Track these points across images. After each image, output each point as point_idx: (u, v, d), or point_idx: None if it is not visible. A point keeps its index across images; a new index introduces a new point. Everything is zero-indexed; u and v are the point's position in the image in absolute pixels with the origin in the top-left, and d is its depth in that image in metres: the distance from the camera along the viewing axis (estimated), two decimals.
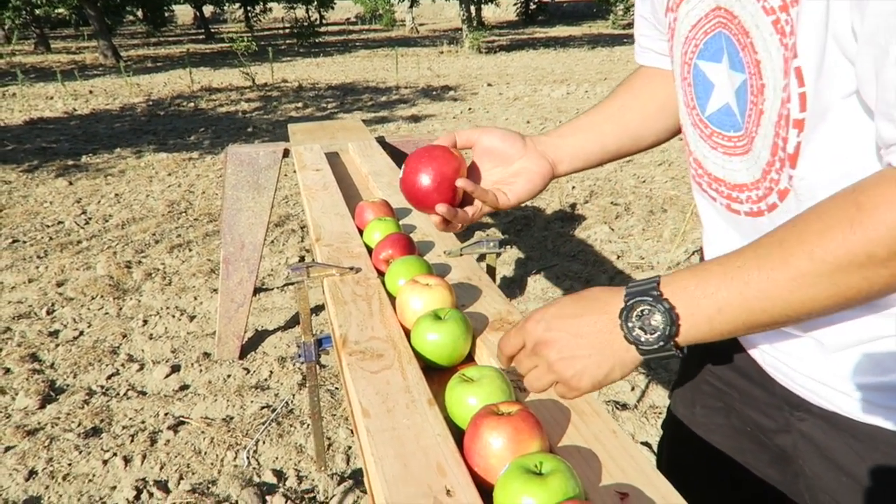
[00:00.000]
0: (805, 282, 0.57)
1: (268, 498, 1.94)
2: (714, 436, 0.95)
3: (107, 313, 3.13)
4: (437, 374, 0.87)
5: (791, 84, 0.61)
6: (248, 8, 28.58)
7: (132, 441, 2.20)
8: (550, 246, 3.84)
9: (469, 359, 0.92)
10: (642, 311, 0.64)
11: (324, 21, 34.09)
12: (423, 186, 0.87)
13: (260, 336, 2.91)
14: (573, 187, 4.85)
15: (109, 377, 2.59)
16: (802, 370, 0.75)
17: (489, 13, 32.49)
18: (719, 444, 0.95)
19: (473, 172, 0.92)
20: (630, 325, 0.65)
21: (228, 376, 2.59)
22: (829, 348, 0.71)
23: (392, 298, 1.03)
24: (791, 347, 0.75)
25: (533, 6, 30.26)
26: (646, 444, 2.15)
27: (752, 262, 0.60)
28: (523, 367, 0.74)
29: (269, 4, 30.11)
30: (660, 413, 2.29)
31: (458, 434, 0.71)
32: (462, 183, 0.86)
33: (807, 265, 0.57)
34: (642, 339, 0.65)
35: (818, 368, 0.73)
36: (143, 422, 2.31)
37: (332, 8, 34.40)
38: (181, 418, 2.32)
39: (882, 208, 0.53)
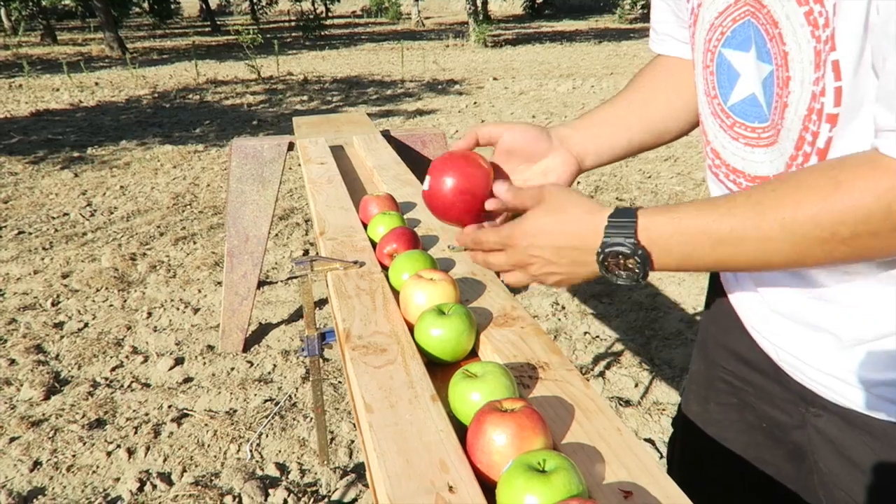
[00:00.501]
0: (770, 246, 0.61)
1: (270, 491, 1.94)
2: (728, 432, 0.94)
3: (111, 305, 3.14)
4: (440, 370, 0.86)
5: (826, 77, 0.60)
6: (254, 0, 28.55)
7: (136, 433, 2.20)
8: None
9: (473, 354, 0.92)
10: (619, 255, 0.69)
11: (329, 14, 34.04)
12: (450, 204, 0.85)
13: (264, 329, 2.91)
14: (578, 182, 4.84)
15: (114, 369, 2.60)
16: (818, 366, 0.74)
17: (495, 7, 32.38)
18: (734, 441, 0.94)
19: (499, 174, 0.90)
20: (605, 263, 0.71)
21: (232, 369, 2.59)
22: (846, 343, 0.70)
23: (396, 293, 1.03)
24: (807, 342, 0.75)
25: (539, 0, 30.14)
26: (649, 440, 2.14)
27: (727, 219, 0.63)
28: (496, 266, 0.81)
29: None
30: (663, 409, 2.29)
31: (461, 430, 0.71)
32: (492, 206, 0.86)
33: (776, 230, 0.60)
34: (615, 275, 0.71)
35: (834, 364, 0.72)
36: (146, 414, 2.31)
37: (338, 1, 34.32)
38: (185, 411, 2.33)
39: (858, 191, 0.55)
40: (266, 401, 2.38)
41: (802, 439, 0.83)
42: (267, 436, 2.20)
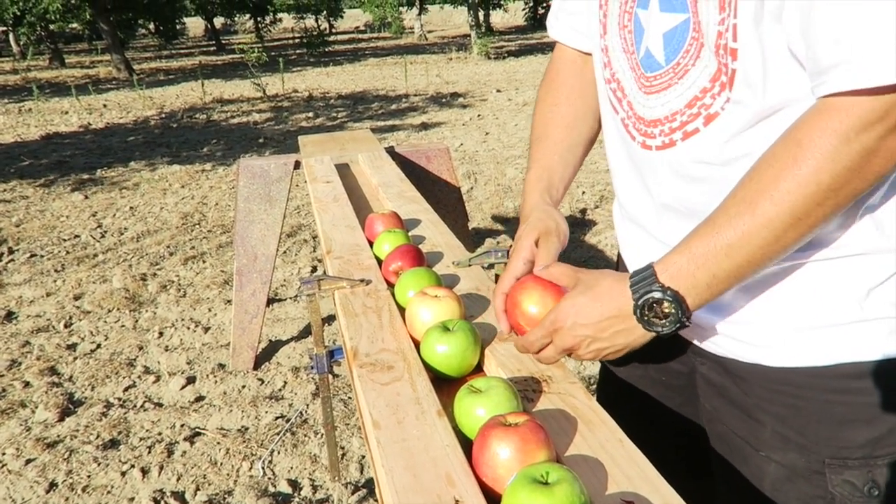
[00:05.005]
0: (774, 225, 0.65)
1: None
2: (635, 384, 1.07)
3: (123, 326, 3.17)
4: (446, 385, 0.88)
5: (730, 17, 0.68)
6: (258, 18, 28.80)
7: (149, 452, 2.23)
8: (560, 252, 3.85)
9: (478, 369, 0.94)
10: (652, 303, 0.73)
11: (333, 30, 34.30)
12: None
13: (274, 346, 2.93)
14: (583, 192, 4.86)
15: (126, 389, 2.63)
16: (694, 320, 0.81)
17: (497, 19, 32.54)
18: (640, 392, 1.06)
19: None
20: (646, 318, 0.74)
21: (243, 387, 2.62)
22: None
23: (402, 310, 1.05)
24: None
25: (541, 10, 30.28)
26: None
27: (725, 223, 0.68)
28: (550, 359, 0.84)
29: (279, 15, 30.35)
30: None
31: (466, 444, 0.73)
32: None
33: (771, 209, 0.65)
34: (659, 325, 0.74)
35: (705, 317, 0.83)
36: (159, 433, 2.33)
37: (342, 17, 34.58)
38: (197, 429, 2.35)
39: (817, 139, 0.62)
40: (277, 418, 2.40)
41: (693, 384, 0.96)
42: (279, 453, 2.21)
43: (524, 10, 31.15)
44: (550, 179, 1.01)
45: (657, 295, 0.72)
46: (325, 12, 31.27)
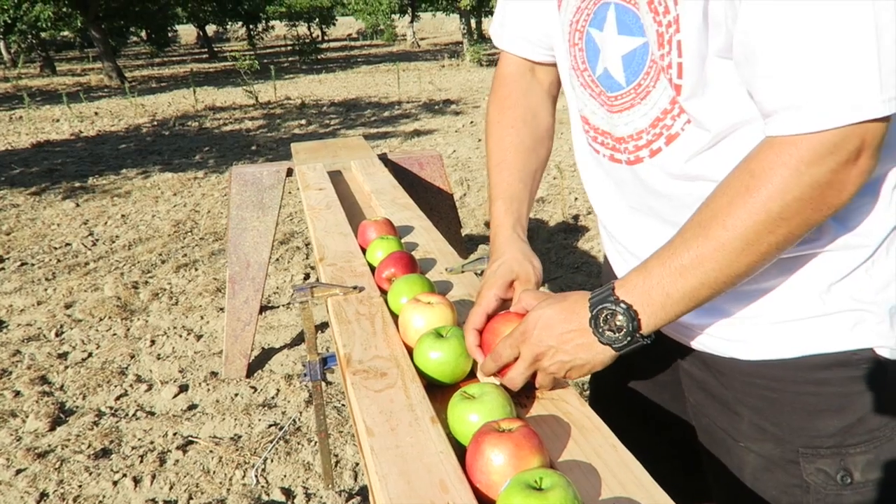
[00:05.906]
0: (726, 249, 0.67)
1: None
2: (626, 383, 1.09)
3: (115, 334, 3.16)
4: (439, 392, 0.88)
5: (672, 54, 0.70)
6: (251, 26, 28.80)
7: (141, 462, 2.21)
8: (554, 258, 3.86)
9: (471, 376, 0.94)
10: (606, 315, 0.74)
11: (325, 37, 34.34)
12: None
13: (266, 354, 2.92)
14: (576, 199, 4.87)
15: (118, 398, 2.61)
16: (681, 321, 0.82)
17: (489, 26, 32.67)
18: (631, 389, 1.09)
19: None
20: (600, 330, 0.75)
21: (236, 395, 2.60)
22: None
23: (395, 317, 1.05)
24: None
25: None
26: None
27: (681, 246, 0.70)
28: (519, 374, 0.81)
29: (271, 22, 30.37)
30: None
31: (460, 451, 0.73)
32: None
33: (723, 234, 0.67)
34: (612, 339, 0.75)
35: (687, 315, 0.82)
36: (151, 442, 2.32)
37: (334, 24, 34.63)
38: (190, 438, 2.34)
39: (768, 171, 0.64)
40: (270, 426, 2.39)
41: (677, 380, 0.99)
42: (272, 461, 2.20)
43: None
44: (519, 210, 1.01)
45: (611, 307, 0.73)
46: (317, 20, 31.32)
